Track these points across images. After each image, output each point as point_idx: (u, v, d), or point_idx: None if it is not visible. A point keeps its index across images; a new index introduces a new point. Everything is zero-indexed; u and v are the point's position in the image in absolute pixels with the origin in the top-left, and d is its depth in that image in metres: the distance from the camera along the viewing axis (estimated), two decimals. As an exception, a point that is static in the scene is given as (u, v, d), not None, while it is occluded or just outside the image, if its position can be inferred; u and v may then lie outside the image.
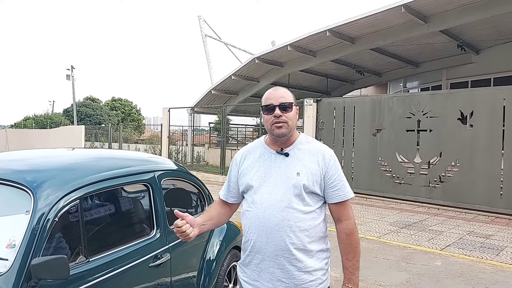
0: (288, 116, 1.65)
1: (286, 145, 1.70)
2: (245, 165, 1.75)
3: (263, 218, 1.62)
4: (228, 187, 1.84)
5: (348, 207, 1.70)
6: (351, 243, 1.67)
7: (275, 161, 1.69)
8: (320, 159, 1.67)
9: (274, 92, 1.69)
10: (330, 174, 1.66)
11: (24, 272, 1.61)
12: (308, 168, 1.65)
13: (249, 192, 1.70)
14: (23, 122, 37.93)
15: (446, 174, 8.33)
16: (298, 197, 1.61)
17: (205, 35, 26.73)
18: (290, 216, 1.59)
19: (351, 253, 1.67)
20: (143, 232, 2.40)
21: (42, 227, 1.72)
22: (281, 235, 1.59)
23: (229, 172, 1.84)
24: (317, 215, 1.65)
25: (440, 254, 5.25)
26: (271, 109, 1.66)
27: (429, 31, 11.97)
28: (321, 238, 1.67)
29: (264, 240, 1.62)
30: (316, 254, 1.65)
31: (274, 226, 1.60)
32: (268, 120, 1.67)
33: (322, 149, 1.72)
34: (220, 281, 3.07)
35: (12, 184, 1.87)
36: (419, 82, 19.03)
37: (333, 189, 1.67)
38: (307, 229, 1.61)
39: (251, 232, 1.66)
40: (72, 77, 32.95)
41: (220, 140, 16.67)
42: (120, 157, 2.99)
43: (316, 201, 1.66)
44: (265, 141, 1.77)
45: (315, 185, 1.64)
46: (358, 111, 9.80)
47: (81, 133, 21.58)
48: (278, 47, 14.74)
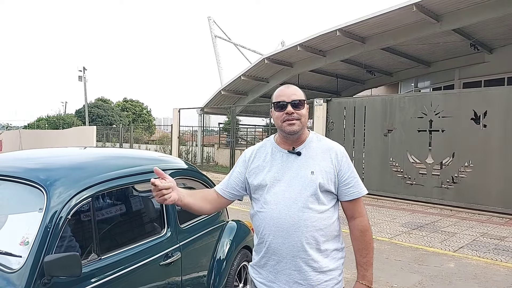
0: (300, 113, 1.64)
1: (297, 143, 1.68)
2: (256, 164, 1.71)
3: (278, 219, 1.59)
4: (228, 182, 1.77)
5: (361, 204, 1.69)
6: (365, 239, 1.66)
7: (287, 161, 1.66)
8: (333, 157, 1.66)
9: (285, 89, 1.67)
10: (343, 172, 1.65)
11: (37, 269, 1.62)
12: (321, 166, 1.63)
13: (261, 192, 1.66)
14: (36, 122, 38.57)
15: (459, 175, 8.20)
16: (313, 197, 1.59)
17: (215, 36, 26.83)
18: (306, 216, 1.57)
19: (365, 249, 1.66)
20: (154, 231, 2.40)
21: (55, 225, 1.73)
22: (298, 236, 1.56)
23: (234, 168, 1.79)
24: (331, 214, 1.63)
25: (453, 256, 5.17)
26: (282, 106, 1.63)
27: (441, 30, 11.81)
28: (335, 237, 1.66)
29: (280, 241, 1.59)
30: (331, 253, 1.63)
31: (290, 226, 1.57)
32: (279, 117, 1.64)
33: (334, 147, 1.70)
34: (230, 281, 3.06)
35: (26, 182, 1.89)
36: (431, 82, 18.79)
37: (347, 186, 1.65)
38: (322, 229, 1.59)
39: (265, 234, 1.63)
40: (84, 78, 33.38)
41: (229, 140, 16.71)
42: (131, 156, 3.01)
43: (330, 199, 1.64)
44: (275, 140, 1.73)
45: (330, 183, 1.62)
46: (368, 111, 9.72)
47: (92, 133, 21.85)
48: (288, 47, 14.71)
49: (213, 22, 26.67)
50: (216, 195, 1.77)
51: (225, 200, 1.78)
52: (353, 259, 1.69)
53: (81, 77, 33.40)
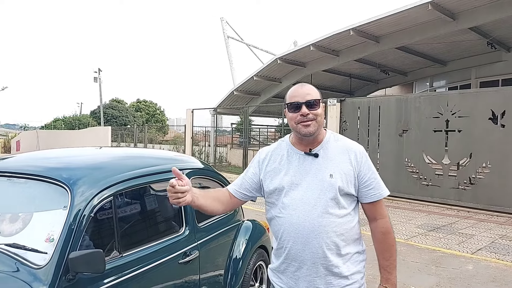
0: (316, 113, 1.56)
1: (314, 144, 1.61)
2: (272, 166, 1.65)
3: (297, 225, 1.54)
4: (242, 183, 1.72)
5: (382, 205, 1.64)
6: (388, 241, 1.62)
7: (304, 163, 1.60)
8: (352, 158, 1.59)
9: (299, 89, 1.59)
10: (363, 173, 1.59)
11: (62, 265, 1.66)
12: (340, 168, 1.57)
13: (277, 197, 1.60)
14: (53, 123, 39.33)
15: (477, 175, 8.05)
16: (333, 201, 1.54)
17: (228, 36, 26.92)
18: (326, 222, 1.52)
19: (388, 252, 1.62)
20: (173, 229, 2.43)
21: (78, 222, 1.78)
22: (318, 242, 1.52)
23: (248, 168, 1.73)
24: (352, 217, 1.59)
25: (471, 258, 5.08)
26: (296, 106, 1.56)
27: (458, 28, 11.61)
28: (356, 240, 1.61)
29: (300, 247, 1.54)
30: (352, 257, 1.59)
31: (310, 233, 1.52)
32: (293, 119, 1.57)
33: (353, 147, 1.64)
34: (246, 280, 3.08)
35: (50, 181, 1.94)
36: (447, 81, 18.49)
37: (368, 188, 1.60)
38: (343, 233, 1.55)
39: (285, 240, 1.58)
40: (99, 79, 33.91)
41: (242, 140, 16.76)
42: (148, 155, 3.06)
43: (350, 202, 1.59)
44: (291, 141, 1.66)
45: (350, 186, 1.57)
46: (383, 111, 9.62)
47: (107, 133, 22.17)
48: (301, 47, 14.66)
49: (225, 22, 26.77)
50: (229, 196, 1.73)
51: (237, 200, 1.74)
52: (371, 260, 1.67)
53: (97, 78, 33.94)
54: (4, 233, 1.86)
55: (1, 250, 1.75)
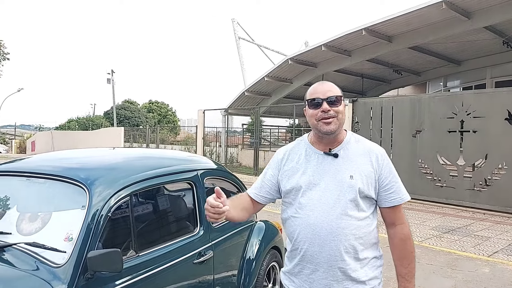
0: (337, 110, 1.52)
1: (334, 144, 1.57)
2: (289, 166, 1.61)
3: (315, 226, 1.49)
4: (262, 186, 1.68)
5: (402, 210, 1.59)
6: (407, 248, 1.57)
7: (323, 163, 1.55)
8: (374, 160, 1.55)
9: (320, 86, 1.57)
10: (384, 176, 1.55)
11: (81, 264, 1.69)
12: (361, 170, 1.52)
13: (294, 196, 1.57)
14: (67, 124, 39.99)
15: (493, 177, 7.90)
16: (352, 203, 1.49)
17: (239, 37, 26.99)
18: (345, 224, 1.48)
19: (407, 259, 1.57)
20: (187, 229, 2.45)
21: (96, 222, 1.80)
22: (336, 244, 1.48)
23: (266, 170, 1.70)
24: (371, 221, 1.54)
25: (488, 260, 4.98)
26: (317, 103, 1.52)
27: (472, 27, 11.42)
28: (374, 245, 1.57)
29: (317, 249, 1.50)
30: (370, 262, 1.55)
31: (327, 234, 1.48)
32: (313, 116, 1.53)
33: (374, 149, 1.59)
34: (259, 281, 3.08)
35: (68, 181, 1.97)
36: (461, 81, 18.20)
37: (388, 191, 1.55)
38: (361, 237, 1.50)
39: (300, 241, 1.54)
40: (112, 81, 34.33)
41: (252, 141, 16.76)
42: (162, 156, 3.08)
43: (369, 205, 1.55)
44: (309, 140, 1.62)
45: (370, 188, 1.52)
46: (396, 112, 9.51)
47: (120, 134, 22.45)
48: (312, 48, 14.61)
49: (237, 24, 26.85)
50: (251, 201, 1.69)
51: (259, 204, 1.71)
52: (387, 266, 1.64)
53: (110, 79, 34.36)
54: (23, 232, 1.90)
55: (21, 248, 1.78)
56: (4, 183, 2.21)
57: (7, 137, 45.91)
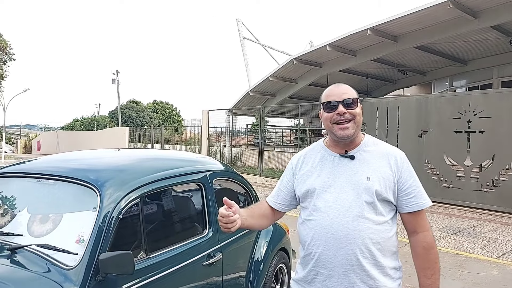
0: (354, 113, 1.47)
1: (351, 147, 1.52)
2: (304, 170, 1.57)
3: (330, 228, 1.43)
4: (278, 193, 1.65)
5: (424, 217, 1.51)
6: (430, 257, 1.48)
7: (339, 165, 1.50)
8: (392, 162, 1.48)
9: (335, 88, 1.52)
10: (404, 179, 1.47)
11: (92, 266, 1.69)
12: (379, 172, 1.46)
13: (310, 199, 1.52)
14: (72, 124, 40.19)
15: (500, 178, 7.84)
16: (370, 205, 1.43)
17: (243, 37, 26.98)
18: (361, 227, 1.41)
19: (430, 269, 1.47)
20: (197, 231, 2.44)
21: (107, 224, 1.80)
22: (352, 248, 1.40)
23: (282, 177, 1.67)
24: (389, 227, 1.47)
25: (496, 262, 4.94)
26: (333, 106, 1.48)
27: (479, 27, 11.34)
28: (393, 254, 1.49)
29: (332, 253, 1.43)
30: (389, 271, 1.47)
31: (343, 237, 1.41)
32: (328, 118, 1.49)
33: (393, 151, 1.53)
34: (268, 282, 3.07)
35: (79, 182, 1.97)
36: (467, 81, 18.08)
37: (408, 196, 1.47)
38: (379, 242, 1.43)
39: (314, 244, 1.47)
40: (117, 81, 34.47)
41: (257, 141, 16.75)
42: (172, 157, 3.08)
43: (388, 210, 1.47)
44: (325, 144, 1.58)
45: (388, 191, 1.45)
46: (402, 112, 9.47)
47: (125, 134, 22.53)
48: (317, 47, 14.56)
49: (241, 23, 26.85)
50: (271, 210, 1.67)
51: (279, 212, 1.67)
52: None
53: (115, 79, 34.50)
54: (35, 234, 1.90)
55: (33, 250, 1.78)
56: (15, 184, 2.21)
57: (13, 137, 46.25)
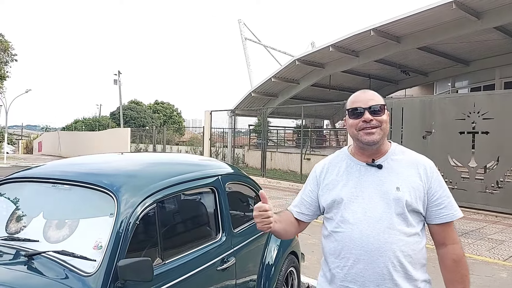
0: (381, 120, 1.43)
1: (377, 155, 1.47)
2: (329, 179, 1.51)
3: (360, 241, 1.38)
4: (302, 202, 1.59)
5: (453, 229, 1.47)
6: (460, 271, 1.44)
7: (366, 174, 1.45)
8: (422, 172, 1.44)
9: (362, 95, 1.49)
10: (434, 189, 1.44)
11: (111, 272, 1.67)
12: (408, 181, 1.41)
13: (336, 210, 1.46)
14: (74, 124, 40.18)
15: (505, 179, 7.82)
16: (400, 216, 1.38)
17: (245, 38, 26.97)
18: (393, 239, 1.36)
19: (460, 283, 1.43)
20: (211, 236, 2.43)
21: (125, 230, 1.78)
22: (384, 261, 1.35)
23: (305, 186, 1.61)
24: (420, 238, 1.43)
25: (504, 265, 4.92)
26: (359, 113, 1.44)
27: (482, 27, 11.33)
28: (423, 266, 1.45)
29: (363, 267, 1.37)
30: (420, 284, 1.42)
31: (374, 250, 1.36)
32: (354, 125, 1.45)
33: (422, 160, 1.49)
34: (279, 286, 3.06)
35: (95, 188, 1.95)
36: (469, 82, 18.06)
37: (439, 207, 1.43)
38: (410, 255, 1.38)
39: (344, 257, 1.41)
40: (119, 81, 34.46)
41: (259, 142, 16.73)
42: (184, 162, 3.06)
43: (418, 221, 1.43)
44: (350, 152, 1.53)
45: (418, 202, 1.41)
46: (406, 113, 9.44)
47: (127, 135, 22.51)
48: (320, 48, 14.55)
49: (243, 24, 26.84)
50: (295, 220, 1.60)
51: (303, 223, 1.61)
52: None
53: (116, 80, 34.49)
54: (51, 240, 1.88)
55: (50, 256, 1.77)
56: (29, 189, 2.20)
57: (14, 138, 46.26)
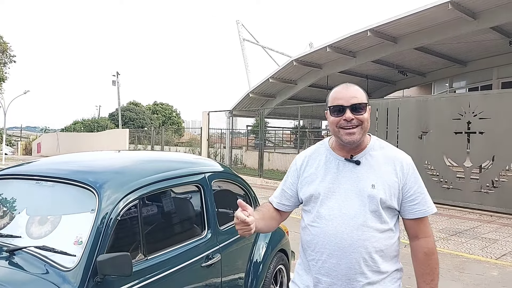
0: (362, 118, 1.43)
1: (357, 151, 1.48)
2: (308, 172, 1.54)
3: (334, 237, 1.42)
4: (282, 194, 1.62)
5: (427, 223, 1.50)
6: (430, 263, 1.47)
7: (344, 170, 1.47)
8: (398, 168, 1.46)
9: (344, 91, 1.47)
10: (409, 186, 1.46)
11: (90, 267, 1.69)
12: (384, 179, 1.44)
13: (313, 204, 1.50)
14: (73, 125, 40.17)
15: (500, 179, 7.83)
16: (374, 214, 1.42)
17: (243, 39, 27.03)
18: (365, 236, 1.40)
19: (430, 275, 1.47)
20: (195, 232, 2.44)
21: (106, 225, 1.80)
22: (356, 257, 1.40)
23: (286, 178, 1.64)
24: (393, 233, 1.47)
25: (496, 263, 4.94)
26: (340, 110, 1.44)
27: (478, 28, 11.37)
28: (394, 257, 1.49)
29: (336, 261, 1.42)
30: (390, 274, 1.47)
31: (347, 246, 1.40)
32: (335, 123, 1.45)
33: (400, 156, 1.50)
34: (267, 284, 3.06)
35: (77, 184, 1.97)
36: (467, 82, 18.10)
37: (412, 202, 1.46)
38: (382, 250, 1.43)
39: (318, 252, 1.46)
40: (117, 82, 34.52)
41: (257, 142, 16.76)
42: (170, 159, 3.08)
43: (391, 216, 1.47)
44: (330, 145, 1.54)
45: (393, 199, 1.44)
46: (402, 113, 9.47)
47: (125, 136, 22.54)
48: (317, 49, 14.60)
49: (241, 25, 26.90)
50: (277, 211, 1.64)
51: (284, 213, 1.65)
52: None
53: (115, 81, 34.54)
54: (33, 236, 1.90)
55: (31, 252, 1.78)
56: (14, 186, 2.22)
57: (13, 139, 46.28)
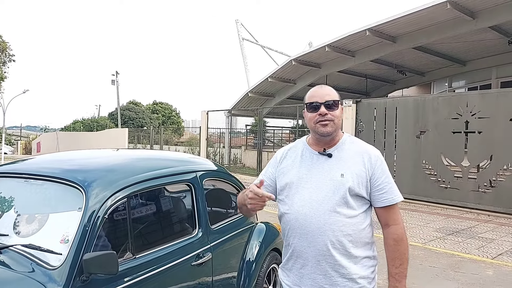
0: (334, 114, 1.59)
1: (330, 145, 1.63)
2: (285, 164, 1.69)
3: (304, 221, 1.55)
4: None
5: (396, 211, 1.61)
6: (399, 249, 1.58)
7: (317, 162, 1.62)
8: (366, 160, 1.59)
9: (319, 90, 1.63)
10: (376, 176, 1.58)
11: (76, 266, 1.68)
12: (353, 169, 1.57)
13: (287, 193, 1.63)
14: (72, 125, 40.16)
15: (498, 178, 7.82)
16: (342, 200, 1.54)
17: (242, 38, 27.02)
18: (332, 220, 1.52)
19: (399, 259, 1.58)
20: (186, 231, 2.44)
21: (93, 224, 1.79)
22: (323, 240, 1.52)
23: (266, 168, 1.78)
24: (362, 220, 1.57)
25: (492, 263, 4.93)
26: (315, 107, 1.59)
27: (477, 27, 11.35)
28: (366, 244, 1.59)
29: (305, 244, 1.55)
30: (361, 260, 1.57)
31: (315, 230, 1.53)
32: (312, 119, 1.60)
33: (368, 149, 1.64)
34: (259, 283, 3.06)
35: (65, 182, 1.96)
36: (466, 82, 18.07)
37: (380, 192, 1.58)
38: (350, 234, 1.54)
39: (291, 236, 1.61)
40: (117, 82, 34.51)
41: (256, 142, 16.76)
42: (162, 157, 3.07)
43: (361, 204, 1.58)
44: (307, 141, 1.70)
45: (361, 188, 1.56)
46: (400, 112, 9.46)
47: (124, 135, 22.54)
48: (316, 48, 14.58)
49: (240, 25, 26.88)
50: None
51: None
52: (385, 264, 1.62)
53: (114, 81, 34.53)
54: (20, 234, 1.89)
55: (17, 250, 1.78)
56: (2, 184, 2.21)
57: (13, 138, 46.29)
